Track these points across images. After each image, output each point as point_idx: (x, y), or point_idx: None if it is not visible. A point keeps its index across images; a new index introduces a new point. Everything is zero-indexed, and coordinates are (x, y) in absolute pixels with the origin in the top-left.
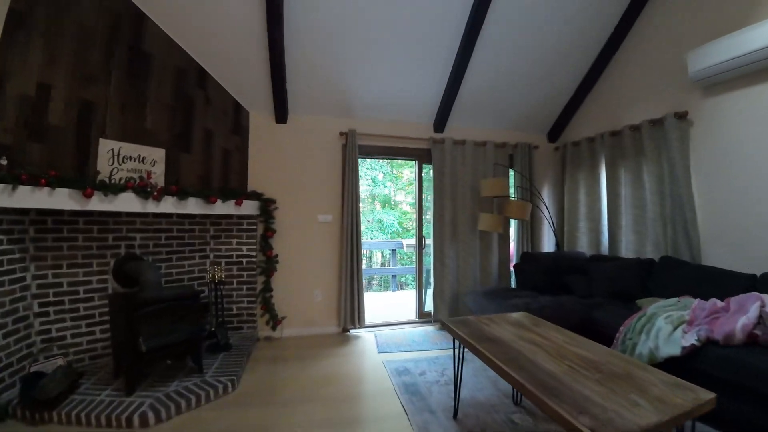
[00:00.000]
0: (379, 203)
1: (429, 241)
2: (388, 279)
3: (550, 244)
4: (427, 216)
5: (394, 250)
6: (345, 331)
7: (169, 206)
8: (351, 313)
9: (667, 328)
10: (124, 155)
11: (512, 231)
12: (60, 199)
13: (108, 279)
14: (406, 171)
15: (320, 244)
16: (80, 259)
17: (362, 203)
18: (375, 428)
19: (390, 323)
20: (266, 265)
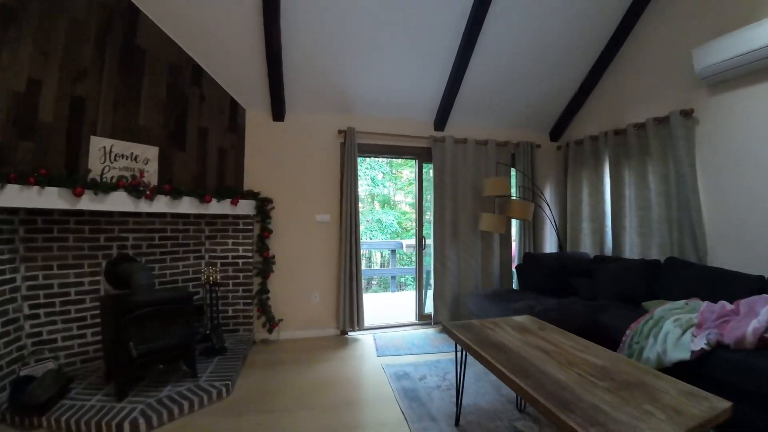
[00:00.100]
0: (379, 203)
1: (429, 242)
2: (388, 279)
3: (553, 245)
4: (427, 216)
5: (393, 251)
6: (343, 334)
7: (162, 206)
8: (350, 315)
9: (676, 332)
10: (116, 153)
11: (514, 231)
12: (49, 199)
13: (100, 280)
14: (406, 171)
15: (318, 245)
16: (71, 260)
17: (361, 203)
18: None
19: (389, 325)
20: (263, 266)
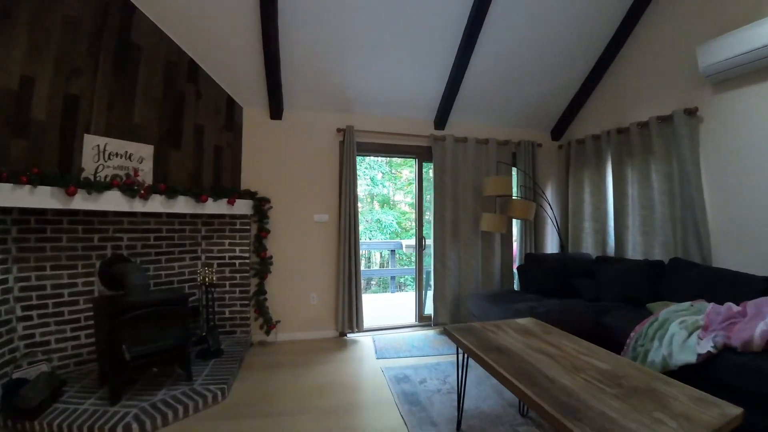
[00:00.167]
0: (378, 203)
1: (429, 242)
2: (387, 280)
3: (554, 245)
4: (427, 216)
5: (393, 251)
6: (342, 335)
7: (157, 205)
8: (348, 317)
9: (682, 334)
10: (110, 152)
11: (515, 231)
12: (42, 198)
13: (94, 281)
14: (405, 171)
15: (316, 245)
16: (64, 260)
17: (360, 203)
18: None
19: (389, 327)
20: (260, 267)
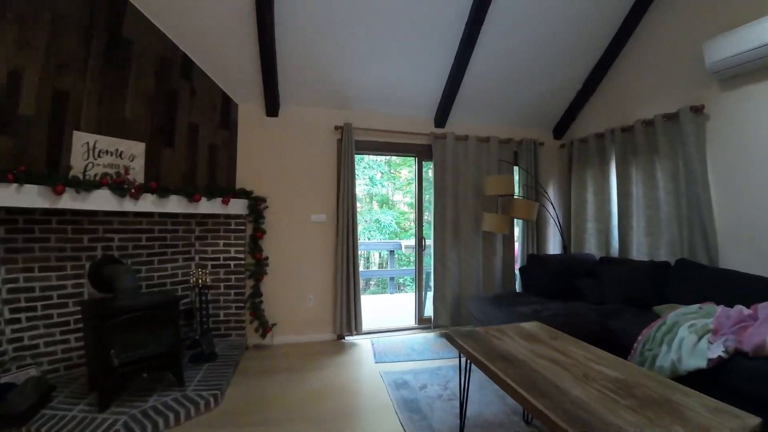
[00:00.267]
0: (377, 203)
1: (429, 242)
2: (386, 280)
3: (556, 246)
4: (426, 216)
5: (392, 251)
6: (340, 338)
7: (148, 205)
8: (347, 319)
9: (692, 339)
10: (99, 149)
11: (516, 231)
12: (29, 197)
13: (84, 284)
14: (404, 170)
15: (314, 246)
16: (53, 261)
17: (359, 203)
18: None
19: (388, 329)
20: (255, 268)
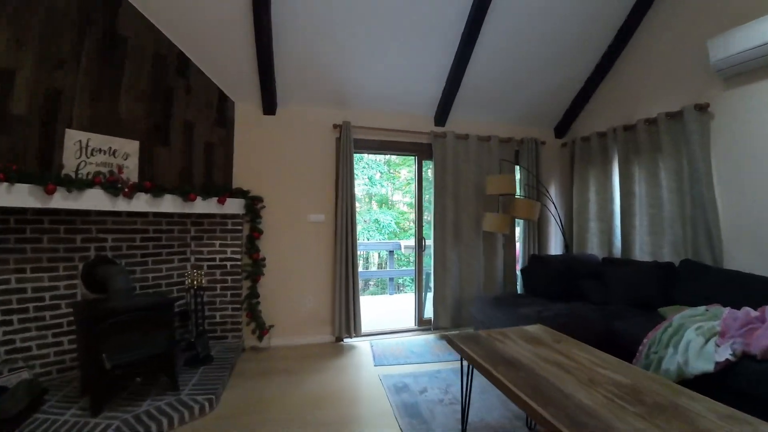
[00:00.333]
0: (376, 203)
1: (429, 242)
2: (385, 281)
3: (558, 246)
4: (426, 216)
5: (391, 252)
6: (339, 341)
7: (142, 204)
8: (345, 321)
9: (698, 341)
10: (93, 147)
11: (518, 231)
12: (19, 196)
13: (77, 285)
14: (404, 170)
15: (312, 246)
16: (45, 262)
17: (358, 202)
18: None
19: (387, 331)
20: (252, 269)
